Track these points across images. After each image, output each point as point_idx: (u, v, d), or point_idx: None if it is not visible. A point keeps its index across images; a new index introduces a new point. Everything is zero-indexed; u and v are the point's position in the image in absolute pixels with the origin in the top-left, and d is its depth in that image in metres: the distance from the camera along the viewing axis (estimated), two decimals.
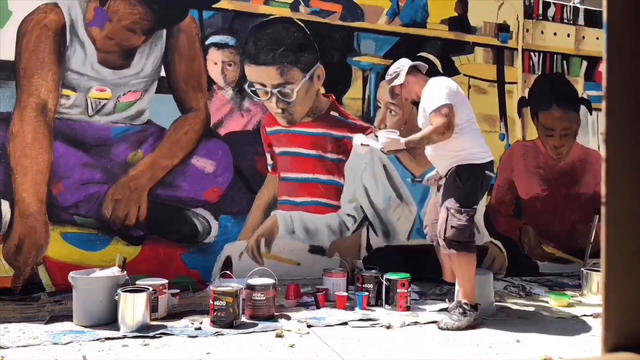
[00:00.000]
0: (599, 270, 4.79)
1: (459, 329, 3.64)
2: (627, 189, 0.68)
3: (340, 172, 5.11)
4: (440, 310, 4.10)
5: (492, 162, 3.95)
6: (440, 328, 3.67)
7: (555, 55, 5.97)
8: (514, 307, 4.34)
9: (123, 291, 3.46)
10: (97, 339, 3.24)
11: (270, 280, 3.85)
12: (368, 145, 4.12)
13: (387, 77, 4.21)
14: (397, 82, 4.09)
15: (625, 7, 0.67)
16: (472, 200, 3.85)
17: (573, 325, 3.88)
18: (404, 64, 4.13)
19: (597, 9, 6.13)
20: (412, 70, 4.10)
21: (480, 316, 3.81)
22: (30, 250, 4.24)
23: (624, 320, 0.69)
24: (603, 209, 0.69)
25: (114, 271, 3.72)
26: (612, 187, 0.68)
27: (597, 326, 3.81)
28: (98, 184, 4.42)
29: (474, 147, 3.87)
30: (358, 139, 4.24)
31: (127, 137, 4.50)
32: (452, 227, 3.77)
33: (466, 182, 3.82)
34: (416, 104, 4.28)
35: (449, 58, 5.51)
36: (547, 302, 4.49)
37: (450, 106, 3.76)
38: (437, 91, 3.85)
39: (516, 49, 5.78)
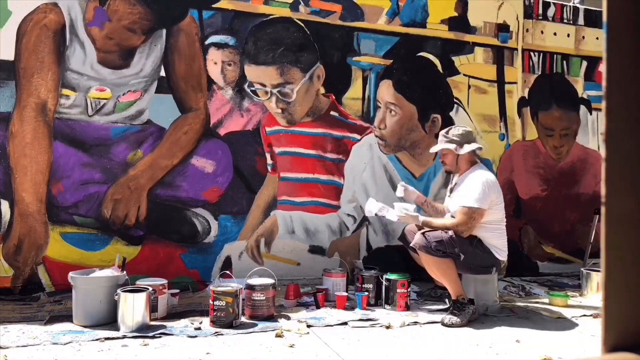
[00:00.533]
0: (598, 270, 4.80)
1: (461, 324, 3.74)
2: (627, 189, 0.68)
3: (340, 172, 5.10)
4: (440, 310, 4.11)
5: (501, 263, 4.13)
6: (445, 324, 3.74)
7: (555, 55, 5.97)
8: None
9: (123, 291, 3.46)
10: (97, 339, 3.24)
11: (269, 280, 3.84)
12: (383, 216, 4.12)
13: (448, 136, 4.15)
14: (460, 151, 4.08)
15: (625, 7, 0.67)
16: (460, 252, 3.90)
17: (573, 325, 3.88)
18: (472, 139, 4.13)
19: (597, 9, 6.13)
20: (473, 153, 4.13)
21: (478, 310, 3.93)
22: (30, 250, 4.24)
23: (624, 320, 0.69)
24: (603, 209, 0.68)
25: (112, 271, 3.72)
26: (612, 187, 0.68)
27: (597, 326, 3.81)
28: (98, 183, 4.42)
29: (503, 247, 4.05)
30: (372, 206, 4.19)
31: (126, 137, 4.50)
32: (438, 240, 3.86)
33: (484, 253, 3.99)
34: (447, 171, 4.38)
35: (449, 58, 5.51)
36: (547, 302, 4.49)
37: (480, 211, 3.88)
38: (476, 189, 3.91)
39: (516, 49, 5.78)
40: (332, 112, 5.09)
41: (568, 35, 6.02)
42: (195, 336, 3.36)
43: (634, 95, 0.68)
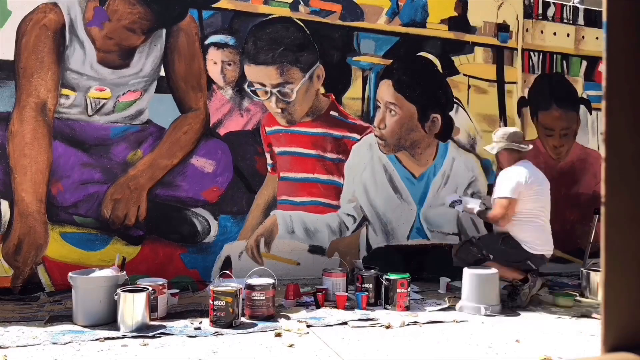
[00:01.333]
0: (598, 270, 4.79)
1: (521, 304, 4.22)
2: (627, 189, 0.68)
3: (339, 172, 5.10)
4: (440, 310, 4.12)
5: (543, 256, 4.42)
6: (509, 307, 4.19)
7: (554, 55, 5.97)
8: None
9: (122, 291, 3.46)
10: (97, 339, 3.24)
11: (269, 280, 3.84)
12: (461, 202, 4.74)
13: (497, 137, 4.60)
14: (491, 150, 4.62)
15: (625, 7, 0.67)
16: (487, 250, 4.45)
17: (572, 325, 3.87)
18: (504, 137, 4.54)
19: (597, 9, 6.13)
20: (511, 150, 4.50)
21: (535, 283, 4.30)
22: (30, 250, 4.24)
23: (624, 320, 0.69)
24: (603, 209, 0.68)
25: (112, 271, 3.73)
26: (611, 187, 0.68)
27: (596, 326, 3.81)
28: (97, 183, 4.42)
29: (534, 240, 4.35)
30: (452, 197, 4.87)
31: (126, 136, 4.50)
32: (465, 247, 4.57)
33: (512, 248, 4.37)
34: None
35: (449, 58, 5.51)
36: (546, 302, 4.49)
37: (512, 201, 4.28)
38: (507, 181, 4.36)
39: (516, 49, 5.78)
40: (332, 112, 5.09)
41: (568, 35, 6.02)
42: (195, 336, 3.36)
43: (633, 95, 0.67)
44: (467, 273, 4.14)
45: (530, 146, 4.61)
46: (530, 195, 4.32)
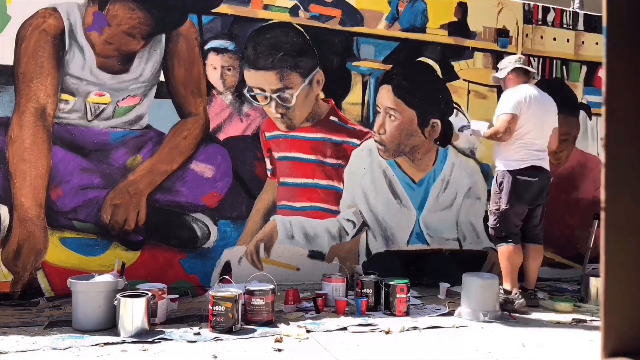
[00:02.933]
0: (598, 276, 4.79)
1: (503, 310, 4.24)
2: (627, 194, 0.68)
3: (339, 177, 5.10)
4: (440, 315, 4.12)
5: (530, 167, 4.38)
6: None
7: (554, 61, 5.97)
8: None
9: (122, 296, 3.45)
10: (96, 344, 3.23)
11: (269, 286, 3.84)
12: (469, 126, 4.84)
13: (499, 66, 4.78)
14: (498, 75, 4.69)
15: (625, 13, 0.67)
16: (501, 203, 4.43)
17: (571, 330, 3.87)
18: (512, 61, 4.63)
19: (597, 14, 6.14)
20: (517, 70, 4.58)
21: (520, 303, 4.29)
22: (29, 255, 4.23)
23: (624, 325, 0.69)
24: (602, 214, 0.68)
25: (112, 276, 3.72)
26: (611, 192, 0.68)
27: (595, 331, 3.80)
28: (97, 188, 4.42)
29: (513, 156, 4.40)
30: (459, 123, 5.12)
31: (126, 141, 4.50)
32: (490, 226, 4.58)
33: (500, 186, 4.46)
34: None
35: (449, 63, 5.52)
36: (546, 307, 4.48)
37: (513, 115, 4.32)
38: (508, 99, 4.41)
39: (515, 54, 5.77)
40: (331, 117, 5.09)
41: (567, 41, 6.02)
42: (195, 341, 3.35)
43: (633, 100, 0.67)
44: (467, 279, 4.14)
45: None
46: (527, 116, 4.35)
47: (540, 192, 4.48)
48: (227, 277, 4.25)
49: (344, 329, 3.71)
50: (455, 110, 5.49)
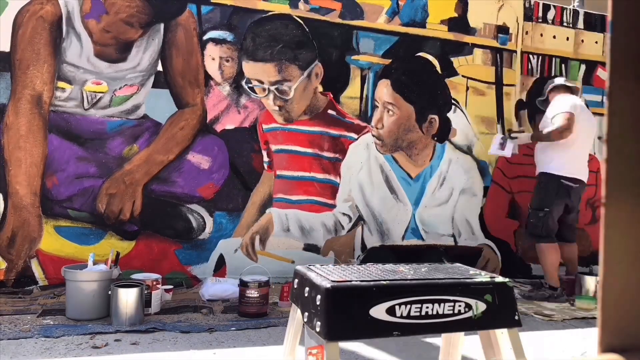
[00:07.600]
0: (593, 275, 4.81)
1: (542, 299, 4.61)
2: (627, 190, 0.67)
3: (336, 171, 5.09)
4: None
5: (573, 178, 4.63)
6: (525, 297, 4.66)
7: (554, 59, 5.97)
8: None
9: (116, 286, 3.45)
10: (89, 333, 3.23)
11: (263, 278, 3.83)
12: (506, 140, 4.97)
13: (547, 86, 5.01)
14: (541, 98, 5.02)
15: (631, 7, 0.66)
16: (542, 204, 4.66)
17: (564, 328, 3.88)
18: (553, 82, 4.93)
19: (597, 13, 6.13)
20: (560, 88, 4.84)
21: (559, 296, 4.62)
22: (24, 243, 4.22)
23: (621, 321, 0.68)
24: (602, 211, 0.67)
25: (106, 266, 3.71)
26: (612, 188, 0.67)
27: (588, 329, 3.82)
28: (93, 177, 4.40)
29: (560, 161, 4.59)
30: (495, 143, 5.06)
31: (122, 131, 4.48)
32: (529, 224, 4.80)
33: (543, 187, 4.69)
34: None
35: (448, 59, 5.50)
36: (539, 304, 4.49)
37: (571, 114, 4.46)
38: (563, 103, 4.59)
39: (515, 51, 5.78)
40: (329, 111, 5.08)
41: (567, 39, 6.02)
42: (188, 331, 3.35)
43: (637, 97, 0.67)
44: None
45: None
46: (577, 126, 4.49)
47: (578, 198, 4.76)
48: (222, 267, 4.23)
49: None
50: (453, 107, 5.48)
